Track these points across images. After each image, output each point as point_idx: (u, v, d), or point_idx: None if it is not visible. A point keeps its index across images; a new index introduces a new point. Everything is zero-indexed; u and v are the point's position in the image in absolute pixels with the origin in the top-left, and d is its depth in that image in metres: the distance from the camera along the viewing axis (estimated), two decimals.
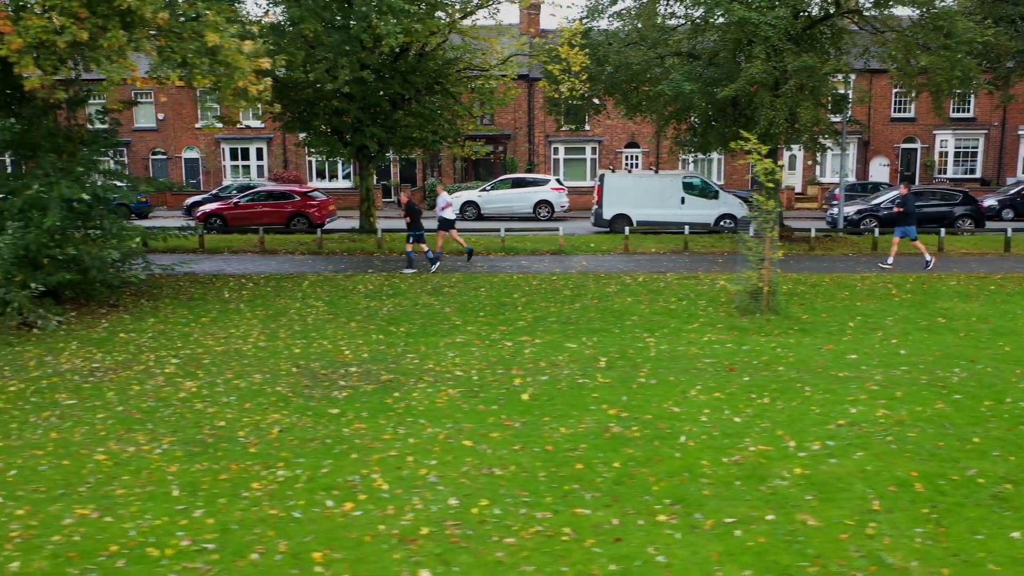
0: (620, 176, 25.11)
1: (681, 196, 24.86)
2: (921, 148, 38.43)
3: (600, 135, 37.67)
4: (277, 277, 17.19)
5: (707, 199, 25.16)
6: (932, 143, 38.27)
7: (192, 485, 7.03)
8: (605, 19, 22.53)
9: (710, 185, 25.87)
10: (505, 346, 11.67)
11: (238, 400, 9.33)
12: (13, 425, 8.51)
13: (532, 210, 31.00)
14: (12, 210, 12.19)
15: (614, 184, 24.93)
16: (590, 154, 38.48)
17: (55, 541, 6.03)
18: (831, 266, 18.33)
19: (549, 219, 30.63)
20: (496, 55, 21.26)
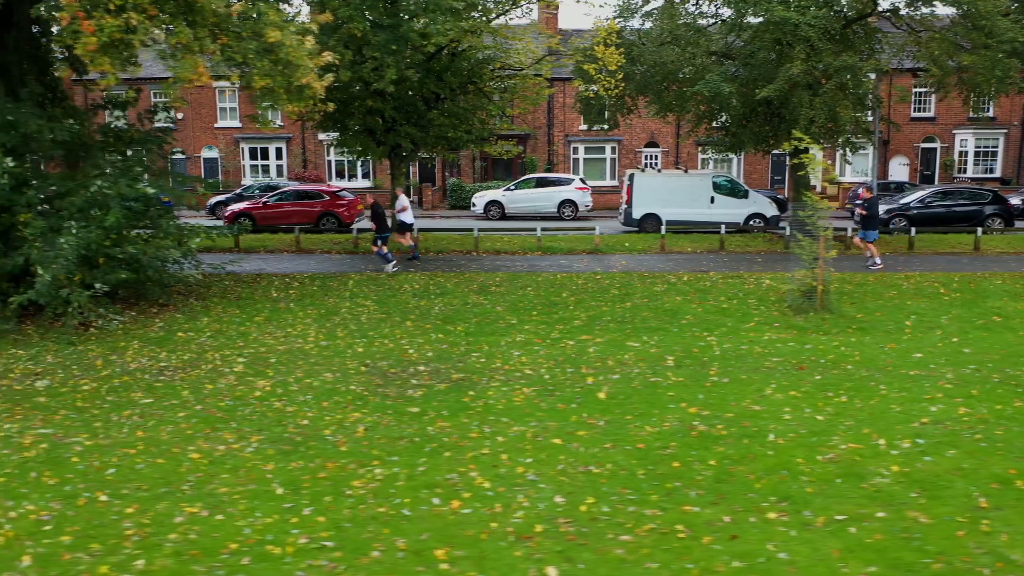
0: (650, 176, 25.10)
1: (711, 196, 24.84)
2: (941, 147, 38.39)
3: (620, 135, 37.67)
4: (321, 276, 17.19)
5: (736, 198, 25.15)
6: (952, 142, 38.24)
7: (293, 483, 7.03)
8: (637, 18, 22.55)
9: (739, 185, 25.86)
10: (567, 345, 11.67)
11: (315, 399, 9.33)
12: (97, 424, 8.51)
13: (556, 209, 30.99)
14: (71, 209, 12.19)
15: (644, 184, 24.92)
16: (610, 153, 38.51)
17: (173, 539, 6.03)
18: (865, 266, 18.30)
19: (573, 218, 30.63)
20: (531, 54, 21.26)
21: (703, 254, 19.77)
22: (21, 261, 11.90)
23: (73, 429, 8.34)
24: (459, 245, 22.00)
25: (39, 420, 8.61)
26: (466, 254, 20.58)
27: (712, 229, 23.93)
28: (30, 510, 6.49)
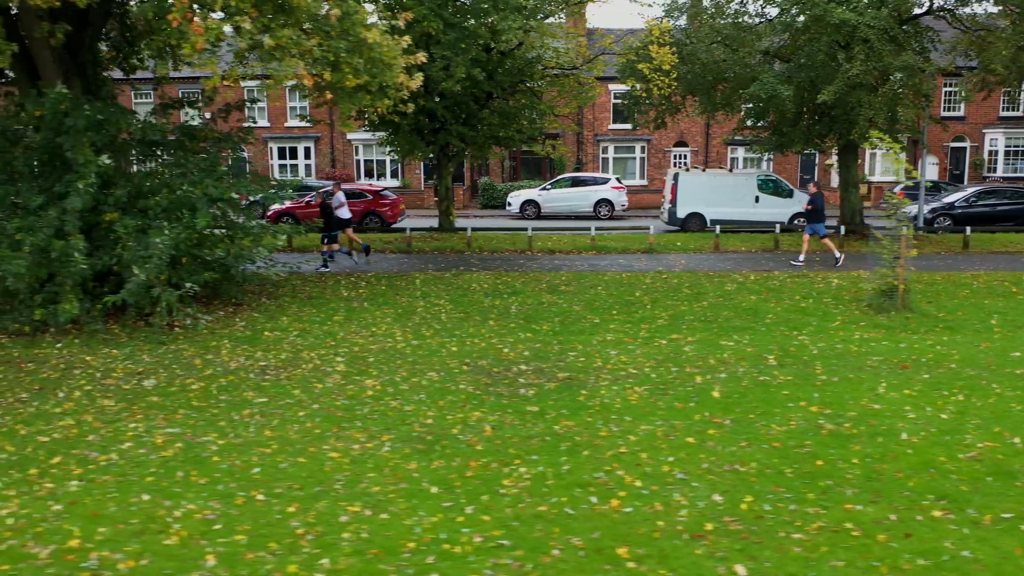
0: (694, 175, 25.08)
1: (755, 195, 24.82)
2: (970, 147, 38.34)
3: (649, 134, 37.68)
4: (386, 276, 17.17)
5: (781, 198, 25.11)
6: (982, 142, 38.19)
7: (443, 482, 7.01)
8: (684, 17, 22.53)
9: (784, 184, 25.82)
10: (660, 344, 11.65)
11: (429, 398, 9.31)
12: (222, 423, 8.49)
13: (592, 209, 30.99)
14: (156, 209, 12.17)
15: (688, 183, 24.89)
16: (639, 153, 38.52)
17: (347, 539, 6.01)
18: (932, 264, 18.25)
19: (609, 217, 30.61)
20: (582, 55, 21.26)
21: (758, 253, 19.73)
22: (109, 260, 11.88)
23: (199, 428, 8.32)
24: (510, 244, 21.98)
25: (161, 419, 8.59)
26: (521, 253, 20.56)
27: (756, 228, 23.92)
28: (192, 509, 6.48)
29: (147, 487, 6.90)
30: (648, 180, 38.39)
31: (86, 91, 13.56)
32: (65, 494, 6.76)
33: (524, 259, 19.55)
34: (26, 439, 8.03)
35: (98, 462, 7.44)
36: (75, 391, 9.57)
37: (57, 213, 11.46)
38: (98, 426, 8.39)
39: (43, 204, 11.56)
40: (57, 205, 11.57)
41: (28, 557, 5.72)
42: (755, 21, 22.25)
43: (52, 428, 8.32)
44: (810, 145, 22.66)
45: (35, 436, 8.10)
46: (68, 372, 10.36)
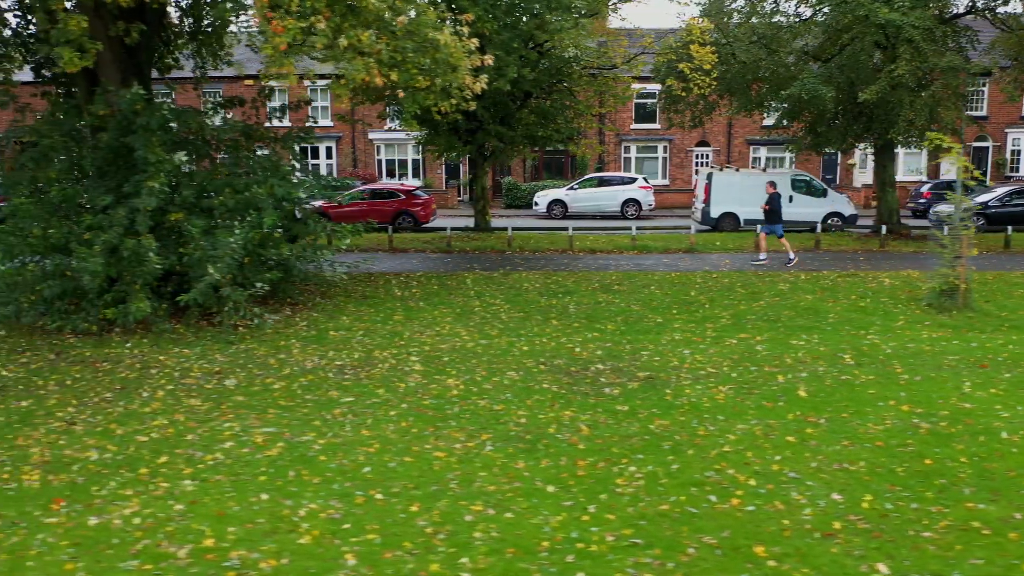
0: (728, 174, 25.03)
1: (789, 194, 24.77)
2: (993, 147, 38.31)
3: (671, 134, 37.68)
4: (436, 275, 17.15)
5: (815, 197, 25.08)
6: (1004, 141, 38.16)
7: (557, 482, 7.01)
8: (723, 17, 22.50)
9: (818, 183, 25.78)
10: (730, 343, 11.64)
11: (516, 397, 9.30)
12: (316, 422, 8.49)
13: (619, 208, 30.97)
14: (221, 209, 12.16)
15: (722, 182, 24.85)
16: (661, 152, 38.50)
17: (479, 538, 6.00)
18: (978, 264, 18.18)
19: (636, 217, 30.58)
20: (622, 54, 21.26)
21: (801, 253, 19.68)
22: (174, 260, 11.87)
23: (295, 428, 8.31)
24: (550, 244, 21.96)
25: (254, 419, 8.58)
26: (562, 252, 20.54)
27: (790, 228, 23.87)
28: (314, 509, 6.47)
29: (263, 487, 6.89)
30: (670, 180, 38.36)
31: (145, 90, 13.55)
32: (182, 494, 6.76)
33: (567, 259, 19.54)
34: (125, 439, 8.02)
35: (205, 461, 7.43)
36: (158, 391, 9.56)
37: (126, 212, 11.45)
38: (193, 425, 8.38)
39: (111, 204, 11.55)
40: (125, 204, 11.56)
41: (167, 557, 5.71)
42: (789, 20, 22.24)
43: (147, 428, 8.32)
44: (846, 145, 22.63)
45: (133, 436, 8.10)
46: (145, 372, 10.35)
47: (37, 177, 11.88)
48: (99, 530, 6.12)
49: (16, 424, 8.49)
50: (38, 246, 11.41)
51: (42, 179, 11.82)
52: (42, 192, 11.95)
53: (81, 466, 7.34)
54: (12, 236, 11.18)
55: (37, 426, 8.40)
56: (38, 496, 6.73)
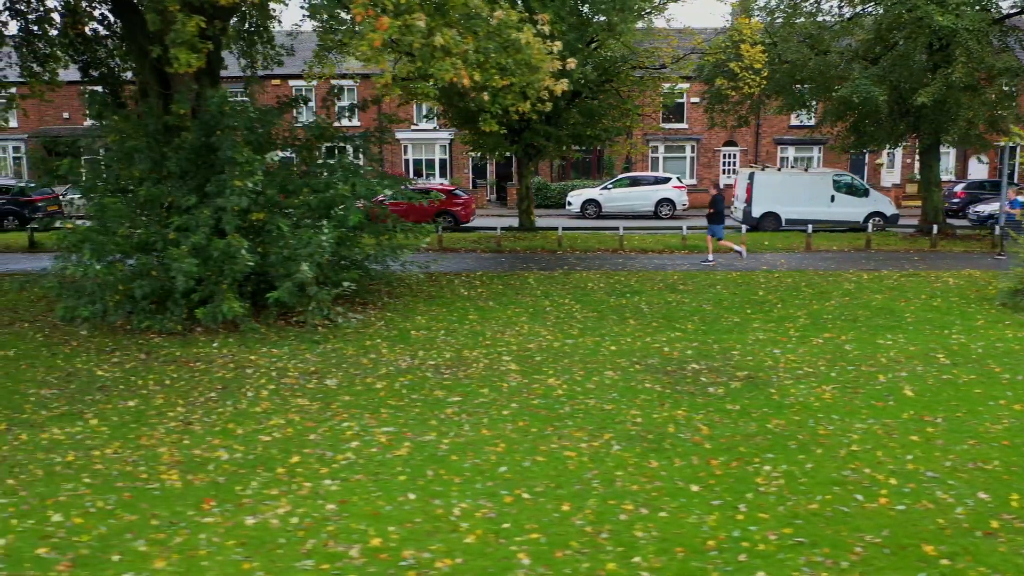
0: (770, 174, 25.05)
1: (831, 194, 24.78)
2: (1021, 147, 38.19)
3: (698, 133, 37.69)
4: (496, 275, 17.17)
5: (857, 197, 25.09)
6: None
7: (698, 481, 7.00)
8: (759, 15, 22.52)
9: (860, 183, 25.78)
10: (817, 343, 11.63)
11: (622, 397, 9.30)
12: (433, 422, 8.49)
13: (653, 208, 30.98)
14: (303, 208, 12.17)
15: (764, 182, 24.86)
16: (689, 152, 38.48)
17: (641, 537, 6.00)
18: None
19: (670, 217, 30.58)
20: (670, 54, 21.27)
21: (852, 252, 19.69)
22: (259, 259, 11.88)
23: (415, 427, 8.32)
24: (598, 243, 21.96)
25: (369, 419, 8.59)
26: (613, 252, 20.56)
27: (832, 228, 23.91)
28: (467, 508, 6.48)
29: (405, 486, 6.89)
30: (697, 180, 38.34)
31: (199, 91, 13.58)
32: (328, 494, 6.76)
33: (620, 258, 19.55)
34: (248, 439, 8.03)
35: (337, 461, 7.43)
36: (261, 391, 9.57)
37: (211, 212, 11.46)
38: (311, 425, 8.39)
39: (196, 204, 11.56)
40: (210, 204, 11.57)
41: (340, 556, 5.72)
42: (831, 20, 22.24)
43: (265, 428, 8.32)
44: (892, 144, 22.63)
45: (255, 436, 8.10)
46: (241, 372, 10.36)
47: (121, 176, 11.88)
48: (259, 530, 6.13)
49: (131, 424, 8.50)
50: (124, 245, 11.41)
51: (125, 178, 11.82)
52: (124, 192, 11.95)
53: (216, 466, 7.34)
54: (101, 235, 11.18)
55: (154, 426, 8.41)
56: (184, 496, 6.74)
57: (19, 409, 9.00)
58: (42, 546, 5.87)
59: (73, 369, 10.54)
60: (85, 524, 6.21)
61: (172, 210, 11.90)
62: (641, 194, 31.17)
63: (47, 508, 6.50)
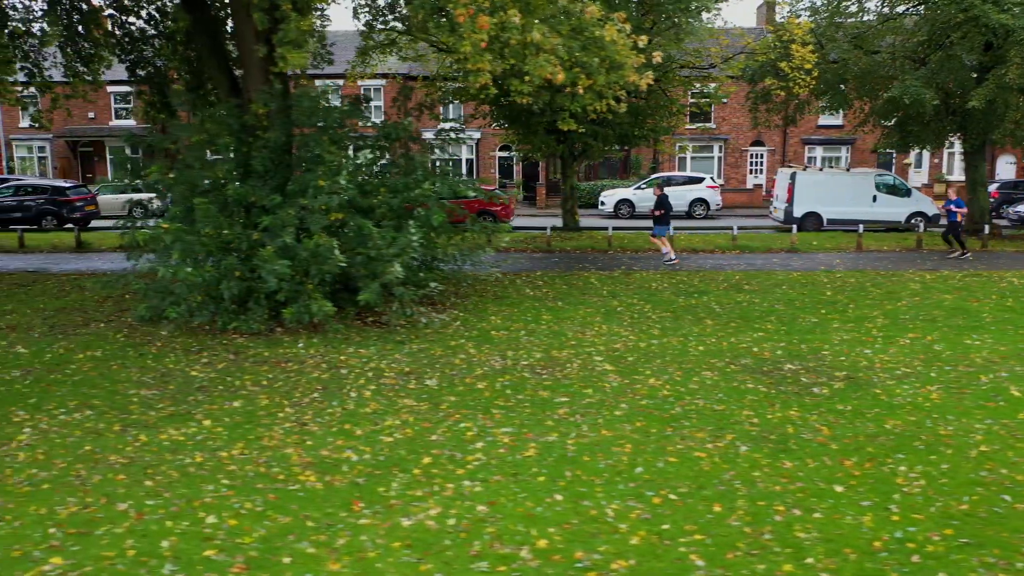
0: (811, 174, 25.04)
1: (873, 194, 24.75)
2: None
3: (726, 133, 37.64)
4: (557, 275, 17.15)
5: (899, 197, 25.06)
6: None
7: (838, 481, 6.96)
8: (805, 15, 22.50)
9: (902, 183, 25.76)
10: (904, 343, 11.60)
11: (729, 397, 9.27)
12: (549, 423, 8.46)
13: (688, 208, 30.94)
14: (383, 208, 12.14)
15: (806, 182, 24.85)
16: (716, 152, 38.45)
17: (804, 538, 5.97)
18: None
19: (704, 217, 30.56)
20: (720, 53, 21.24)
21: (904, 252, 19.67)
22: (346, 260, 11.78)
23: (534, 428, 8.28)
24: (645, 243, 21.93)
25: (485, 419, 8.56)
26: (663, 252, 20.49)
27: (872, 228, 23.86)
28: (618, 509, 6.44)
29: (548, 487, 6.85)
30: (725, 179, 38.31)
31: (284, 89, 13.57)
32: (473, 495, 6.73)
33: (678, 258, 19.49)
34: (370, 440, 8.00)
35: (470, 463, 7.40)
36: (363, 391, 9.54)
37: (296, 211, 11.43)
38: (427, 426, 8.36)
39: (280, 203, 11.53)
40: (293, 203, 11.54)
41: (512, 558, 5.69)
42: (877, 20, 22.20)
43: (383, 428, 8.29)
44: (937, 144, 22.59)
45: (376, 437, 8.08)
46: (335, 372, 10.33)
47: (206, 176, 11.85)
48: (418, 531, 6.10)
49: (245, 425, 8.48)
50: (210, 246, 11.39)
51: (209, 178, 11.79)
52: (204, 192, 11.93)
53: (349, 467, 7.32)
54: (188, 236, 11.14)
55: (269, 427, 8.38)
56: (328, 497, 6.71)
57: (126, 410, 8.97)
58: (207, 548, 5.84)
59: (166, 370, 10.52)
60: (241, 526, 6.19)
61: (253, 210, 11.87)
62: (675, 194, 31.04)
63: (196, 510, 6.47)
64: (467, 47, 9.94)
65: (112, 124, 41.32)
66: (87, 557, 5.71)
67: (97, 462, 7.49)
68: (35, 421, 8.62)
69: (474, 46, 9.85)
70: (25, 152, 41.68)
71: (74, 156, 41.53)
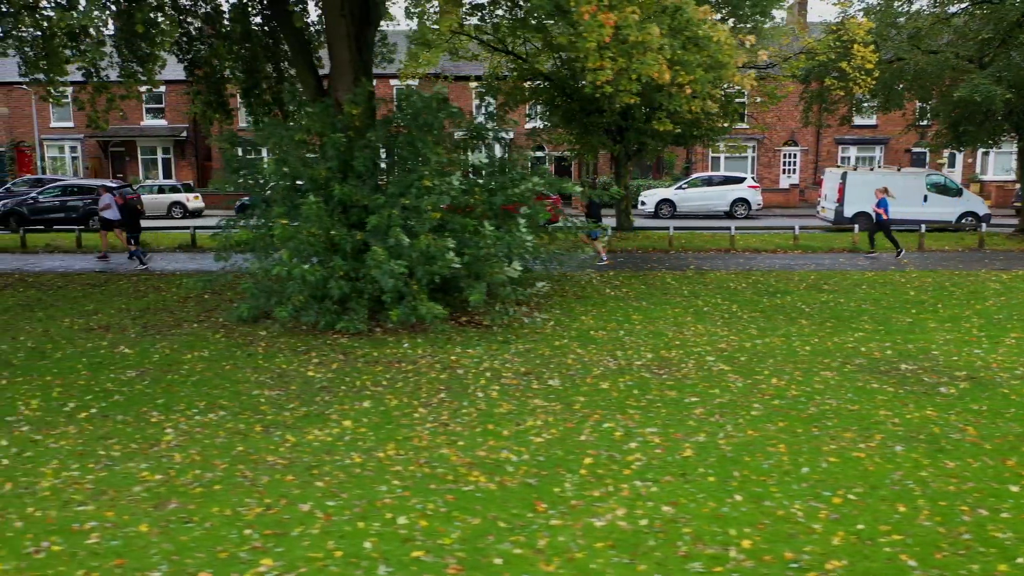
0: (862, 174, 25.03)
1: (924, 194, 24.73)
2: None
3: (759, 133, 37.59)
4: (631, 275, 17.14)
5: (950, 197, 25.04)
6: None
7: (1011, 480, 6.95)
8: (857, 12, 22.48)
9: (953, 183, 25.74)
10: (1010, 343, 11.59)
11: (858, 397, 9.25)
12: (691, 423, 8.45)
13: (728, 208, 30.94)
14: (483, 208, 12.14)
15: (856, 182, 24.83)
16: (750, 152, 38.42)
17: (1002, 538, 5.96)
18: None
19: (745, 217, 30.55)
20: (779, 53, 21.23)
21: (967, 252, 19.67)
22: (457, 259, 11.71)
23: (676, 428, 8.28)
24: (702, 243, 21.94)
25: (623, 419, 8.56)
26: (726, 252, 20.54)
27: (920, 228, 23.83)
28: (803, 509, 6.43)
29: (722, 487, 6.83)
30: (758, 179, 38.28)
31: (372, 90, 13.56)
32: (650, 495, 6.71)
33: (740, 258, 19.53)
34: (519, 440, 7.99)
35: (631, 463, 7.38)
36: (489, 391, 9.54)
37: (399, 212, 11.43)
38: (571, 427, 8.34)
39: (384, 203, 11.53)
40: (396, 203, 11.54)
41: (722, 559, 5.68)
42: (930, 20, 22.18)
43: (528, 429, 8.28)
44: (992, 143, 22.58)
45: (524, 437, 8.07)
46: (452, 373, 10.33)
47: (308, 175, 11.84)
48: (614, 532, 6.08)
49: (386, 425, 8.47)
50: (317, 245, 11.39)
51: (312, 177, 11.78)
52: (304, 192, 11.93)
53: (514, 467, 7.30)
54: (298, 236, 11.13)
55: (411, 427, 8.38)
56: (505, 498, 6.69)
57: (258, 411, 8.98)
58: (413, 550, 5.83)
59: (280, 370, 10.52)
60: (433, 527, 6.18)
61: (351, 210, 11.86)
62: (716, 194, 31.15)
63: (380, 510, 6.46)
64: (591, 44, 9.91)
65: (143, 124, 41.36)
66: (295, 558, 5.71)
67: (256, 463, 7.48)
68: (172, 422, 8.62)
69: (598, 43, 9.82)
70: (56, 152, 41.73)
71: (105, 156, 41.57)
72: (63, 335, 12.56)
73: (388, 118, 12.03)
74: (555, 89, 21.18)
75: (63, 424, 8.57)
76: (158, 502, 6.65)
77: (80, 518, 6.36)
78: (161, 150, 41.41)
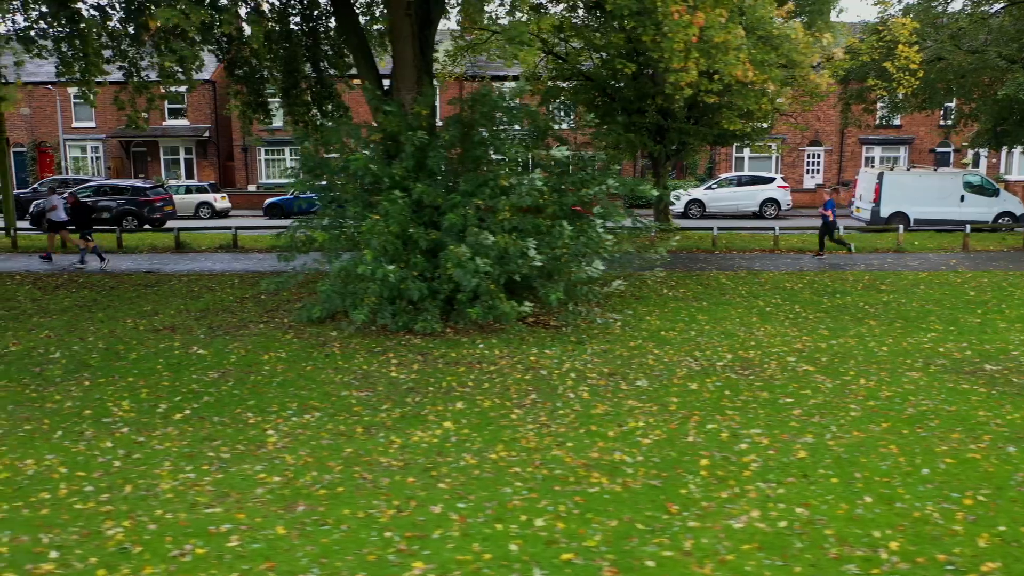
0: (899, 174, 25.02)
1: (961, 194, 24.72)
2: None
3: (783, 132, 37.55)
4: (687, 275, 17.14)
5: (986, 197, 25.02)
6: None
7: None
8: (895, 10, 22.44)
9: (990, 183, 25.72)
10: None
11: (951, 398, 9.23)
12: (793, 424, 8.43)
13: (758, 208, 30.93)
14: (555, 208, 12.12)
15: (893, 182, 24.81)
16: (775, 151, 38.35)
17: None
18: None
19: (775, 217, 30.52)
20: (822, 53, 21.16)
21: (1014, 252, 19.65)
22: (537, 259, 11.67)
23: (780, 428, 8.26)
24: (744, 243, 21.94)
25: (724, 419, 8.55)
26: (771, 252, 20.54)
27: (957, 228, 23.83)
28: (935, 511, 6.41)
29: (847, 488, 6.80)
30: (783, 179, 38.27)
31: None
32: (777, 497, 6.69)
33: (788, 258, 19.51)
34: (626, 440, 7.97)
35: (747, 464, 7.36)
36: (579, 393, 9.53)
37: (474, 211, 11.41)
38: (673, 427, 8.33)
39: (459, 202, 11.51)
40: (470, 202, 11.52)
41: (875, 561, 5.65)
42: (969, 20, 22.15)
43: (632, 430, 8.26)
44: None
45: (630, 437, 8.05)
46: (534, 373, 10.31)
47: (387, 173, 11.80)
48: (757, 533, 6.05)
49: (486, 426, 8.45)
50: (396, 245, 11.35)
51: (387, 176, 11.75)
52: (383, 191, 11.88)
53: (633, 469, 7.29)
54: (378, 237, 11.10)
55: (513, 428, 8.36)
56: (633, 500, 6.67)
57: (352, 412, 8.96)
58: (560, 552, 5.81)
59: (362, 371, 10.50)
60: (571, 529, 6.15)
61: (424, 208, 11.84)
62: (746, 194, 31.14)
63: (513, 512, 6.43)
64: (678, 45, 9.89)
65: (165, 124, 41.37)
66: (445, 560, 5.69)
67: (371, 465, 7.46)
68: (271, 423, 8.61)
69: (685, 43, 9.80)
70: (79, 152, 41.73)
71: (127, 156, 41.58)
72: (130, 336, 12.55)
73: (457, 116, 12.01)
74: (595, 89, 21.19)
75: (160, 426, 8.56)
76: (286, 504, 6.63)
77: (213, 520, 6.34)
78: (183, 150, 41.41)
